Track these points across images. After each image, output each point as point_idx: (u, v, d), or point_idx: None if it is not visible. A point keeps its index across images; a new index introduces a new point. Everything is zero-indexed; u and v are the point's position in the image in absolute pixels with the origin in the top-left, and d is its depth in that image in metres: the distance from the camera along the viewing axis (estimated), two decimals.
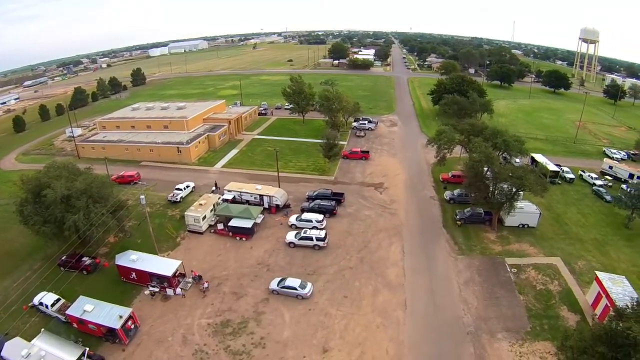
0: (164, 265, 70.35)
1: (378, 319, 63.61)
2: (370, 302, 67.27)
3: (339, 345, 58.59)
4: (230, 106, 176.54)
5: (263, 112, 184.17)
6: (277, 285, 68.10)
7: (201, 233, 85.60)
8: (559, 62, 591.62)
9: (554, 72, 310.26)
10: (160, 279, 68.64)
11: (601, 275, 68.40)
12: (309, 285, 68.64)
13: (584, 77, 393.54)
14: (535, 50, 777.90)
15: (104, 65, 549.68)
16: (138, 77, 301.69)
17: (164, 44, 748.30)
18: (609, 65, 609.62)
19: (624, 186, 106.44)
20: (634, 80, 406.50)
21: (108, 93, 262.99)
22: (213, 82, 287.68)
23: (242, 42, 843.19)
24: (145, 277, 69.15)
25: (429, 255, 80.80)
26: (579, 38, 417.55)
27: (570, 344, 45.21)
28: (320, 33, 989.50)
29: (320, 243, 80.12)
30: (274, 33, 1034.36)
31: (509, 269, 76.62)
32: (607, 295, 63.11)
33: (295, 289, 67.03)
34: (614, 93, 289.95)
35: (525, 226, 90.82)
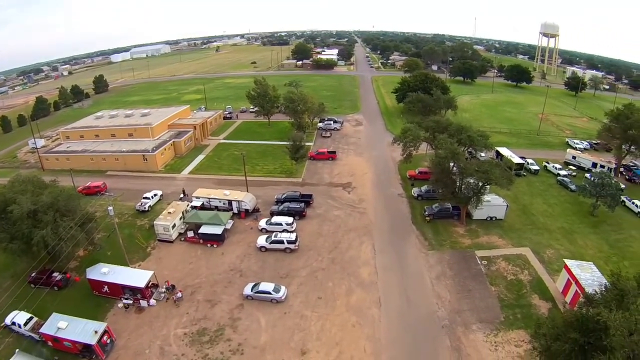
0: (136, 276, 70.29)
1: (353, 318, 65.05)
2: (345, 302, 68.66)
3: (316, 346, 59.75)
4: (194, 111, 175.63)
5: (228, 116, 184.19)
6: (251, 291, 68.81)
7: (171, 242, 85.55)
8: (521, 57, 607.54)
9: (516, 66, 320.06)
10: (133, 291, 68.47)
11: (570, 262, 72.02)
12: (283, 288, 69.57)
13: (545, 71, 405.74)
14: (497, 46, 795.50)
15: (65, 73, 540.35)
16: (100, 84, 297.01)
17: (126, 49, 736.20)
18: (569, 58, 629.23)
19: (587, 175, 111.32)
20: (594, 72, 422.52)
21: (70, 102, 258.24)
22: (177, 87, 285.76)
23: (204, 45, 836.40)
24: (118, 290, 68.90)
25: (400, 252, 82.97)
26: (540, 32, 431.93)
27: (543, 332, 47.14)
28: (283, 34, 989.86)
29: (292, 246, 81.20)
30: (237, 35, 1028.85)
31: (479, 262, 79.48)
32: (577, 282, 66.53)
33: (270, 293, 67.88)
34: (574, 85, 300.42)
35: (493, 219, 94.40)
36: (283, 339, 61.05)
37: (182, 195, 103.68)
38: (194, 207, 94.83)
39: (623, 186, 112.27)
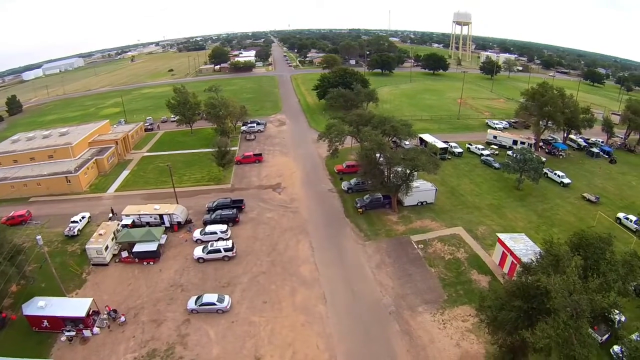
0: (75, 306, 66.26)
1: (302, 318, 64.69)
2: (290, 302, 68.19)
3: (269, 351, 58.93)
4: (114, 125, 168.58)
5: (149, 127, 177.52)
6: (195, 304, 66.81)
7: (106, 264, 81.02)
8: (436, 45, 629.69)
9: (432, 55, 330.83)
10: (75, 322, 64.68)
11: (502, 236, 75.70)
12: (227, 297, 68.11)
13: (460, 57, 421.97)
14: (412, 36, 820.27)
15: None
16: (14, 105, 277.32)
17: (38, 66, 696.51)
18: (483, 44, 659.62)
19: (509, 152, 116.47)
20: (507, 55, 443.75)
21: None
22: (93, 101, 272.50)
23: (119, 56, 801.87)
24: (59, 323, 64.80)
25: (338, 246, 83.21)
26: (453, 21, 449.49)
27: (487, 304, 48.46)
28: (199, 39, 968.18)
29: (229, 253, 79.54)
30: (152, 43, 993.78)
31: (416, 246, 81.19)
32: (512, 253, 70.23)
33: (214, 304, 66.21)
34: (489, 69, 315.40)
35: (424, 203, 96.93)
36: (235, 348, 59.67)
37: (111, 215, 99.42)
38: (124, 226, 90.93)
39: (544, 159, 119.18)
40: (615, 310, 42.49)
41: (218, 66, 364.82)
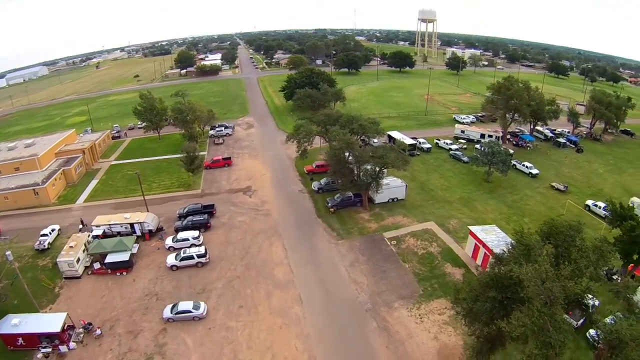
0: (49, 321, 64.49)
1: (279, 320, 64.16)
2: (267, 305, 67.55)
3: (248, 355, 58.23)
4: (81, 134, 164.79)
5: (117, 135, 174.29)
6: (171, 313, 65.57)
7: (79, 277, 78.87)
8: (402, 43, 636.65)
9: (398, 52, 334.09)
10: (50, 338, 63.11)
11: (474, 228, 76.63)
12: (203, 304, 67.11)
13: (426, 54, 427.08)
14: (378, 35, 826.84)
15: None
16: None
17: (1, 76, 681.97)
18: (448, 40, 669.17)
19: (477, 146, 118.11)
20: (472, 51, 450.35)
21: None
22: (59, 110, 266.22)
23: (84, 63, 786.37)
24: (34, 340, 63.04)
25: (311, 246, 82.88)
26: (418, 19, 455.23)
27: (462, 296, 48.84)
28: (164, 43, 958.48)
29: (202, 259, 78.43)
30: (117, 49, 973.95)
31: (389, 243, 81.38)
32: (484, 245, 71.11)
33: (190, 311, 65.13)
34: (455, 64, 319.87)
35: (395, 200, 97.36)
36: (214, 355, 58.72)
37: (81, 226, 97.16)
38: (95, 237, 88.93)
39: (512, 151, 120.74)
40: (589, 295, 42.80)
41: (184, 70, 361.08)
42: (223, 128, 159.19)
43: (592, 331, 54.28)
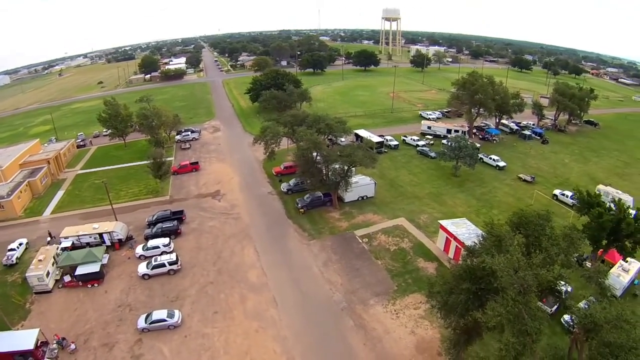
0: (22, 339, 62.40)
1: (255, 324, 63.56)
2: (241, 309, 66.90)
3: None
4: (45, 144, 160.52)
5: (82, 143, 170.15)
6: (146, 322, 64.17)
7: (50, 291, 76.50)
8: (366, 42, 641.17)
9: (363, 51, 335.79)
10: (24, 356, 61.24)
11: (444, 222, 77.50)
12: (177, 312, 65.97)
13: (390, 52, 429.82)
14: (342, 34, 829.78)
15: None
16: None
17: None
18: (412, 38, 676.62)
19: (444, 141, 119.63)
20: (436, 48, 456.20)
21: None
22: (22, 120, 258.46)
23: (46, 71, 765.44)
24: (8, 359, 61.81)
25: (282, 248, 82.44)
26: (382, 18, 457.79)
27: (437, 290, 49.24)
28: (127, 48, 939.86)
29: (174, 267, 77.11)
30: (80, 55, 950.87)
31: (360, 241, 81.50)
32: (455, 238, 72.01)
33: (165, 320, 63.85)
34: (420, 62, 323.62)
35: (365, 198, 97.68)
36: None
37: (49, 239, 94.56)
38: (64, 249, 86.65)
39: (478, 145, 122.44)
40: (561, 282, 43.52)
41: (148, 75, 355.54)
42: (189, 132, 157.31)
43: (566, 316, 55.93)
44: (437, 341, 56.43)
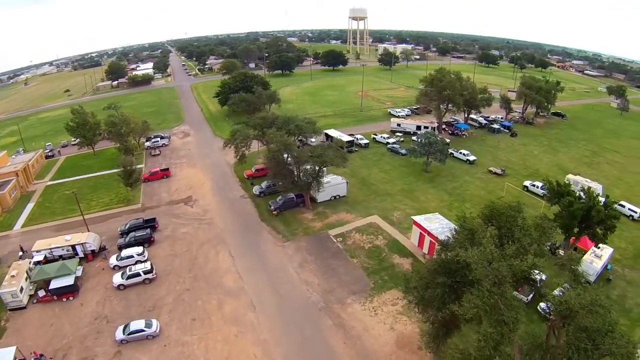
0: None
1: (234, 329, 63.07)
2: (220, 315, 66.31)
3: None
4: (13, 156, 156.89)
5: (50, 154, 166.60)
6: (123, 334, 63.02)
7: (24, 307, 74.79)
8: (334, 42, 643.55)
9: (331, 51, 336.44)
10: None
11: (417, 218, 78.17)
12: (155, 321, 64.89)
13: (358, 51, 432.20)
14: (310, 35, 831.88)
15: None
16: None
17: None
18: (379, 37, 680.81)
19: (414, 138, 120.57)
20: (404, 46, 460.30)
21: None
22: None
23: (11, 80, 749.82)
24: None
25: (257, 251, 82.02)
26: (349, 17, 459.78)
27: (413, 285, 49.56)
28: (94, 55, 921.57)
29: (149, 275, 75.86)
30: (45, 63, 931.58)
31: (335, 240, 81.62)
32: (429, 233, 72.88)
33: (143, 330, 62.79)
34: (388, 60, 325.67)
35: (337, 197, 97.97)
36: None
37: (20, 253, 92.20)
38: (37, 263, 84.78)
39: (448, 140, 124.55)
40: (535, 271, 44.12)
41: (116, 82, 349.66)
42: (159, 139, 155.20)
43: (542, 304, 57.12)
44: (416, 336, 56.69)
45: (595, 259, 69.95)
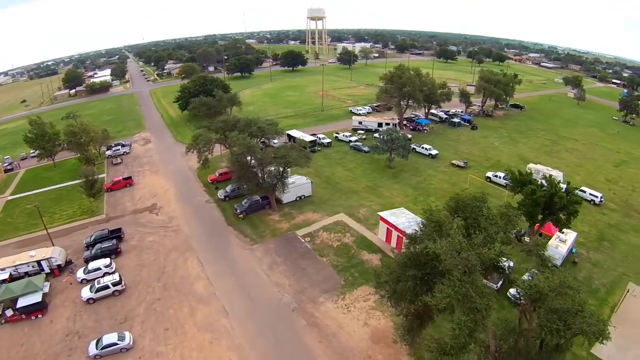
0: None
1: (208, 335, 62.40)
2: (192, 323, 65.48)
3: None
4: None
5: (9, 167, 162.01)
6: (97, 349, 61.26)
7: None
8: (292, 42, 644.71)
9: (290, 52, 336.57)
10: None
11: (383, 213, 79.01)
12: (127, 334, 63.47)
13: (317, 51, 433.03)
14: (269, 36, 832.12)
15: None
16: None
17: None
18: (338, 36, 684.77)
19: (376, 135, 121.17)
20: (362, 44, 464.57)
21: None
22: None
23: None
24: None
25: (226, 256, 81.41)
26: (307, 17, 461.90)
27: (384, 280, 50.11)
28: (50, 63, 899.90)
29: (118, 287, 74.07)
30: (0, 73, 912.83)
31: (303, 240, 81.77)
32: (396, 228, 73.68)
33: (116, 343, 61.21)
34: (347, 59, 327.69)
35: (303, 197, 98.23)
36: None
37: None
38: (2, 282, 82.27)
39: (410, 136, 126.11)
40: (503, 258, 45.01)
41: (73, 90, 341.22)
42: (120, 147, 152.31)
43: (512, 290, 58.36)
44: (390, 329, 57.32)
45: (560, 243, 72.09)
